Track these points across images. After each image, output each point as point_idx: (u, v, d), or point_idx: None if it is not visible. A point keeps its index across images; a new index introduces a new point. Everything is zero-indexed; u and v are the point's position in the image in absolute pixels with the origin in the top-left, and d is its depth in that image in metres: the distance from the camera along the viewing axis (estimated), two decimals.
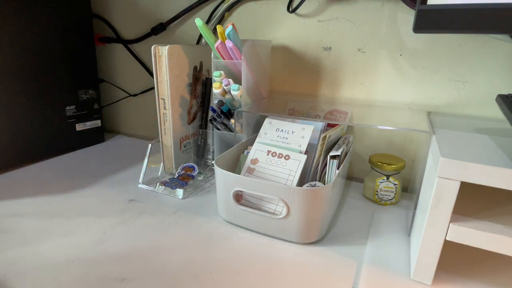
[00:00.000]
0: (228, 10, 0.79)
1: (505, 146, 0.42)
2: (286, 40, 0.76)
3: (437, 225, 0.39)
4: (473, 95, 0.63)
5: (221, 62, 0.65)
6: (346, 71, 0.72)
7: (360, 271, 0.44)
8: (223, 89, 0.65)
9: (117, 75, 1.01)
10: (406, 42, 0.65)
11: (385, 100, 0.70)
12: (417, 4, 0.40)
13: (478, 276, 0.44)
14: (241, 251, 0.48)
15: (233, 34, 0.60)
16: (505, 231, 0.37)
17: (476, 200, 0.44)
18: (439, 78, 0.65)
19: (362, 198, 0.65)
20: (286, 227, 0.49)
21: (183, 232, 0.52)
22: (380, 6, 0.66)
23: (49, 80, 0.78)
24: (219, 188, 0.53)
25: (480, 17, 0.37)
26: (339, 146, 0.58)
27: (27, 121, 0.75)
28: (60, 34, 0.79)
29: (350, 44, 0.70)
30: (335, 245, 0.50)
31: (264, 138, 0.60)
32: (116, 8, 0.94)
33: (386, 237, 0.52)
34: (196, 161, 0.77)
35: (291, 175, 0.53)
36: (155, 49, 0.63)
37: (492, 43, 0.60)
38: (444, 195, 0.37)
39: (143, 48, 0.94)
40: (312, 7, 0.71)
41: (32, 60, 0.74)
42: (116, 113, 1.06)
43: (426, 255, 0.41)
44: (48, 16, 0.76)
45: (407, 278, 0.43)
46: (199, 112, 0.76)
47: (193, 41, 0.87)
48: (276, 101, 0.75)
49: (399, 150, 0.71)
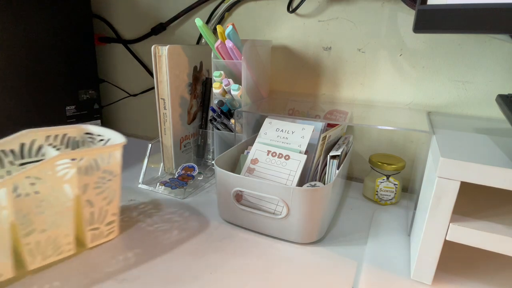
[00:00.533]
0: (228, 10, 0.79)
1: (505, 146, 0.42)
2: (286, 40, 0.76)
3: (437, 225, 0.39)
4: (473, 95, 0.63)
5: (221, 62, 0.65)
6: (346, 71, 0.72)
7: (360, 271, 0.44)
8: (223, 89, 0.65)
9: (117, 75, 1.01)
10: (406, 42, 0.65)
11: (385, 100, 0.70)
12: (417, 4, 0.40)
13: (478, 276, 0.44)
14: (241, 251, 0.48)
15: (233, 34, 0.60)
16: (505, 231, 0.37)
17: (476, 200, 0.44)
18: (439, 78, 0.65)
19: (362, 198, 0.65)
20: (286, 227, 0.49)
21: (183, 232, 0.52)
22: (380, 6, 0.66)
23: (49, 80, 0.78)
24: (219, 188, 0.53)
25: (480, 17, 0.37)
26: (339, 146, 0.58)
27: (27, 121, 0.75)
28: (60, 34, 0.79)
29: (350, 44, 0.70)
30: (335, 245, 0.50)
31: (264, 138, 0.60)
32: (116, 8, 0.94)
33: (386, 237, 0.52)
34: (196, 161, 0.77)
35: (291, 175, 0.53)
36: (155, 49, 0.63)
37: (492, 43, 0.60)
38: (444, 195, 0.37)
39: (143, 48, 0.94)
40: (312, 7, 0.71)
41: (32, 60, 0.74)
42: (116, 113, 1.06)
43: (426, 255, 0.41)
44: (48, 16, 0.76)
45: (407, 278, 0.43)
46: (199, 112, 0.76)
47: (193, 41, 0.87)
48: (276, 101, 0.75)
49: (399, 150, 0.71)
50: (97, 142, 0.53)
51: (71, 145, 0.52)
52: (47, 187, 0.40)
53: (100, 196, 0.46)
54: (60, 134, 0.51)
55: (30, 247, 0.41)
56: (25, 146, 0.47)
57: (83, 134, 0.53)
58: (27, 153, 0.47)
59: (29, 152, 0.47)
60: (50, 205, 0.41)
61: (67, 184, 0.42)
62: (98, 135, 0.53)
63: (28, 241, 0.40)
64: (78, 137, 0.53)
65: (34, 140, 0.47)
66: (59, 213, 0.42)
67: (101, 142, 0.52)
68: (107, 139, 0.52)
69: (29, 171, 0.38)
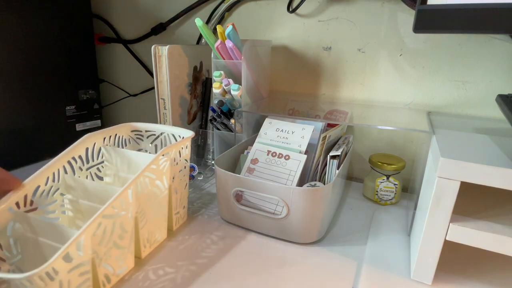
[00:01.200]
0: (228, 10, 0.79)
1: (505, 146, 0.42)
2: (286, 40, 0.76)
3: (437, 225, 0.39)
4: (473, 95, 0.63)
5: (221, 62, 0.65)
6: (346, 71, 0.72)
7: (360, 271, 0.44)
8: (223, 89, 0.65)
9: (117, 75, 1.01)
10: (406, 42, 0.65)
11: (385, 100, 0.70)
12: (417, 4, 0.40)
13: (478, 276, 0.44)
14: (241, 251, 0.48)
15: (233, 34, 0.60)
16: (505, 231, 0.37)
17: (476, 200, 0.44)
18: (439, 78, 0.65)
19: (362, 198, 0.65)
20: (286, 227, 0.49)
21: (182, 232, 0.52)
22: (380, 6, 0.66)
23: (49, 80, 0.78)
24: (219, 188, 0.53)
25: (480, 17, 0.37)
26: (339, 146, 0.58)
27: (27, 121, 0.75)
28: (60, 34, 0.79)
29: (350, 44, 0.70)
30: (335, 245, 0.50)
31: (264, 138, 0.60)
32: (116, 8, 0.94)
33: (386, 237, 0.52)
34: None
35: (291, 175, 0.53)
36: (155, 49, 0.63)
37: (492, 43, 0.60)
38: (444, 195, 0.37)
39: (143, 48, 0.94)
40: (312, 7, 0.71)
41: (32, 60, 0.74)
42: (116, 113, 1.06)
43: (426, 255, 0.41)
44: (48, 16, 0.76)
45: (407, 278, 0.43)
46: (199, 112, 0.76)
47: (193, 41, 0.87)
48: (276, 101, 0.75)
49: (399, 150, 0.71)
50: (147, 138, 0.57)
51: (121, 143, 0.56)
52: (154, 181, 0.45)
53: (182, 183, 0.52)
54: (112, 135, 0.53)
55: (144, 237, 0.45)
56: (89, 150, 0.49)
57: (130, 132, 0.57)
58: (90, 157, 0.50)
59: (92, 155, 0.50)
60: (155, 197, 0.46)
61: (164, 176, 0.47)
62: (146, 131, 0.57)
63: (143, 232, 0.45)
64: (125, 135, 0.56)
65: (95, 143, 0.50)
66: (159, 203, 0.47)
67: (153, 137, 0.57)
68: (159, 133, 0.56)
69: (146, 169, 0.42)
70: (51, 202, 0.43)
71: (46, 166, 0.42)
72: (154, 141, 0.57)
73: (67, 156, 0.46)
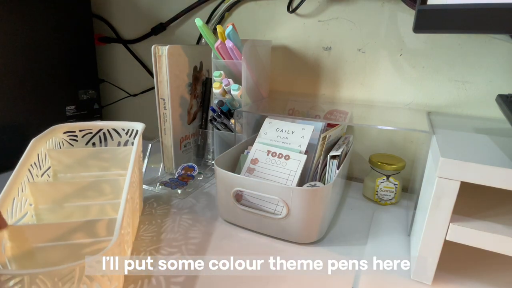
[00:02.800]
0: (228, 10, 0.79)
1: (505, 146, 0.42)
2: (286, 40, 0.76)
3: (437, 225, 0.39)
4: (473, 95, 0.63)
5: (221, 62, 0.65)
6: (346, 71, 0.72)
7: (360, 271, 0.44)
8: (223, 89, 0.65)
9: (117, 75, 1.01)
10: (406, 42, 0.65)
11: (385, 100, 0.70)
12: (417, 4, 0.40)
13: (478, 276, 0.44)
14: (241, 251, 0.48)
15: (233, 34, 0.60)
16: (505, 231, 0.37)
17: (476, 200, 0.44)
18: (439, 78, 0.65)
19: (362, 198, 0.65)
20: (286, 227, 0.49)
21: (182, 232, 0.52)
22: (380, 6, 0.66)
23: (49, 80, 0.78)
24: (219, 188, 0.53)
25: (480, 17, 0.37)
26: (339, 146, 0.58)
27: (27, 121, 0.75)
28: (60, 34, 0.79)
29: (350, 44, 0.70)
30: (335, 245, 0.50)
31: (264, 138, 0.60)
32: (116, 8, 0.93)
33: (386, 237, 0.52)
34: (196, 161, 0.77)
35: (291, 175, 0.53)
36: (155, 49, 0.63)
37: (492, 43, 0.60)
38: (444, 195, 0.37)
39: (143, 48, 0.94)
40: (312, 7, 0.71)
41: (32, 60, 0.74)
42: (116, 113, 1.06)
43: (426, 255, 0.41)
44: (48, 16, 0.76)
45: (407, 278, 0.43)
46: (199, 112, 0.76)
47: (193, 41, 0.87)
48: (276, 101, 0.75)
49: (399, 150, 0.71)
50: (82, 137, 0.57)
51: (56, 147, 0.57)
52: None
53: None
54: (48, 140, 0.54)
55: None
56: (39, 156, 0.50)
57: (62, 134, 0.56)
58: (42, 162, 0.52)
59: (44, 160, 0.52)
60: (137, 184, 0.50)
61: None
62: (81, 130, 0.57)
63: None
64: (58, 138, 0.56)
65: (42, 148, 0.53)
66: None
67: (89, 135, 0.57)
68: (96, 130, 0.57)
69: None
70: (24, 214, 0.43)
71: (13, 177, 0.42)
72: (90, 140, 0.56)
73: (26, 164, 0.46)
